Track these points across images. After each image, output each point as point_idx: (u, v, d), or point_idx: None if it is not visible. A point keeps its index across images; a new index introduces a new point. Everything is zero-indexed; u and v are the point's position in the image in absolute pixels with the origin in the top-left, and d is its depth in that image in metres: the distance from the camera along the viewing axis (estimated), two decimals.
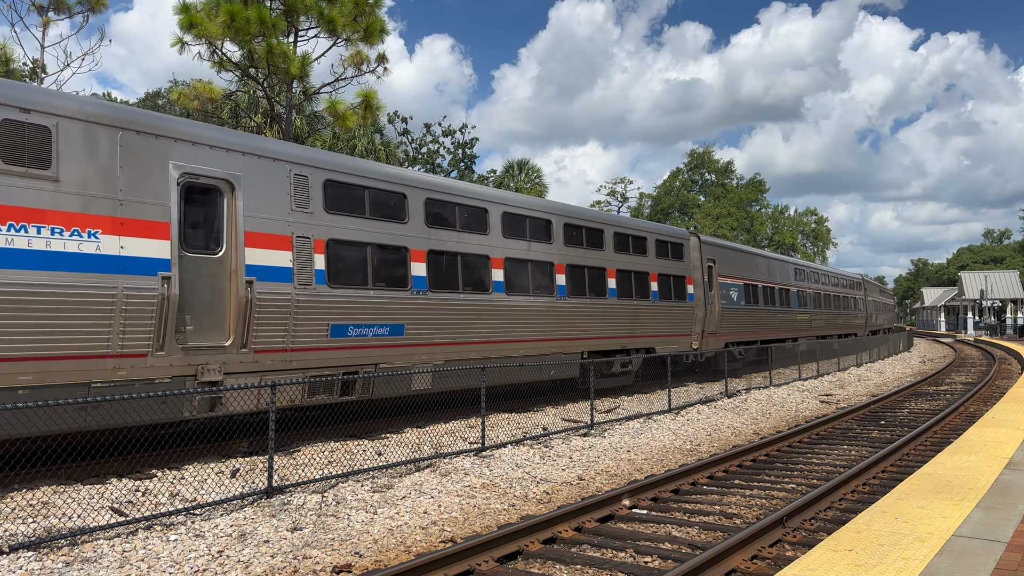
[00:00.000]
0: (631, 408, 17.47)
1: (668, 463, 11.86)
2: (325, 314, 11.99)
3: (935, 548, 5.54)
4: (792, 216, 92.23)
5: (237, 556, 7.06)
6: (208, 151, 10.73)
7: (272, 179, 11.51)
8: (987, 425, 11.52)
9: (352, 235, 12.62)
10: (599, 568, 6.91)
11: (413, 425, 14.28)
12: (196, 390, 10.12)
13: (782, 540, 7.61)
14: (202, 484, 9.42)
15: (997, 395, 19.98)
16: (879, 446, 13.09)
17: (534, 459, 11.55)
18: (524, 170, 49.65)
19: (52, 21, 23.75)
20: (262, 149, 11.61)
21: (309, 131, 32.25)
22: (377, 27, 22.41)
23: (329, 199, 12.36)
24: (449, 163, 49.48)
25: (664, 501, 9.41)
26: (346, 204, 12.67)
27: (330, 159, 12.91)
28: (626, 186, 76.99)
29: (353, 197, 12.83)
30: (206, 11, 20.81)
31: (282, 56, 21.05)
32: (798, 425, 15.52)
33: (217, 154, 10.84)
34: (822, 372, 27.39)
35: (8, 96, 8.90)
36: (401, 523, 8.27)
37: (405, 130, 48.57)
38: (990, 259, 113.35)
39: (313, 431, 13.24)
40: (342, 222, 12.50)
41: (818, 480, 10.53)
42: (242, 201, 10.99)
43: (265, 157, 11.57)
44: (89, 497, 8.65)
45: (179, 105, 23.42)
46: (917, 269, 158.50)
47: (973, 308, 79.83)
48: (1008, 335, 68.79)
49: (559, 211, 17.86)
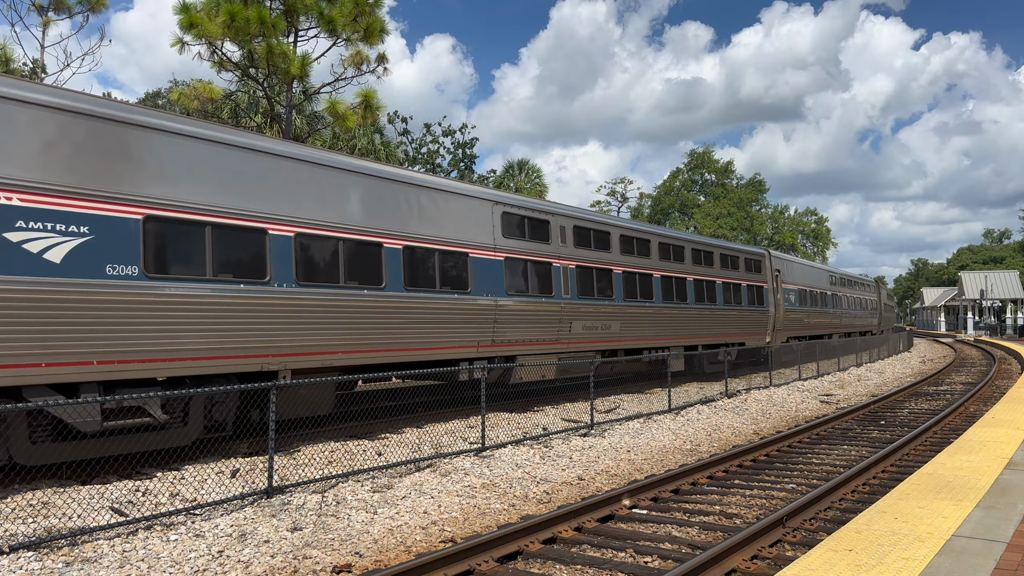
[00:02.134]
0: (631, 408, 17.46)
1: (668, 463, 11.86)
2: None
3: (935, 548, 5.53)
4: (792, 216, 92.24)
5: (237, 556, 7.06)
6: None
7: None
8: (987, 425, 11.52)
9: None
10: (599, 568, 6.91)
11: (413, 425, 14.29)
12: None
13: (782, 540, 7.61)
14: (202, 484, 9.42)
15: (997, 395, 19.97)
16: (879, 446, 13.09)
17: (534, 459, 11.55)
18: (524, 170, 49.66)
19: (52, 21, 23.77)
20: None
21: (309, 131, 32.25)
22: (377, 27, 22.42)
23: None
24: (449, 163, 49.47)
25: (664, 501, 9.41)
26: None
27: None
28: (626, 186, 77.04)
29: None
30: (206, 11, 20.83)
31: (282, 56, 21.06)
32: (798, 425, 15.51)
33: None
34: (822, 372, 27.37)
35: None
36: (401, 523, 8.27)
37: (405, 130, 48.56)
38: (990, 259, 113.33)
39: (313, 431, 13.24)
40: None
41: (818, 480, 10.53)
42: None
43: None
44: (89, 497, 8.65)
45: (179, 105, 23.41)
46: (917, 269, 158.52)
47: (973, 308, 79.83)
48: (1008, 335, 68.77)
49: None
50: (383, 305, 12.95)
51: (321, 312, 11.95)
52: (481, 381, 12.55)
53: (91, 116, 9.59)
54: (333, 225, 12.31)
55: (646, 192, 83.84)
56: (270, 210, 11.41)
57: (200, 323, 10.36)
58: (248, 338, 10.91)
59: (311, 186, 12.07)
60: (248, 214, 11.11)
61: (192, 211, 10.46)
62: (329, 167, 12.43)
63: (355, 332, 12.53)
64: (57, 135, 9.21)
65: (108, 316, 9.43)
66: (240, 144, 11.21)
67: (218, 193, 10.78)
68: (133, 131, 9.97)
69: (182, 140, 10.50)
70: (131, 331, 9.64)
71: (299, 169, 11.92)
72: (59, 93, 9.48)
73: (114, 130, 9.77)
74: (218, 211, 10.76)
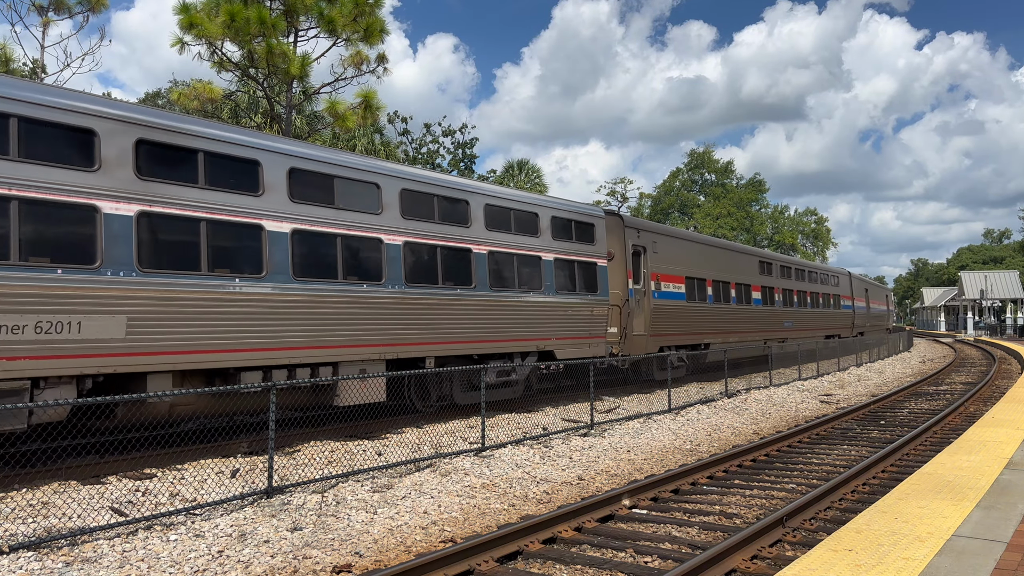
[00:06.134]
0: (631, 408, 17.47)
1: (668, 463, 11.86)
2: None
3: (935, 548, 5.54)
4: (792, 216, 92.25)
5: (237, 556, 7.06)
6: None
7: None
8: (987, 425, 11.53)
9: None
10: (599, 568, 6.91)
11: (413, 425, 14.29)
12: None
13: (782, 540, 7.61)
14: (202, 484, 9.42)
15: (997, 395, 19.97)
16: (879, 446, 13.09)
17: (534, 459, 11.55)
18: (524, 170, 49.73)
19: (52, 21, 23.77)
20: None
21: (309, 131, 32.26)
22: (377, 27, 22.42)
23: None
24: (449, 163, 49.49)
25: (664, 501, 9.41)
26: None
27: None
28: (626, 186, 77.03)
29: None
30: (206, 11, 20.83)
31: (282, 56, 21.07)
32: (798, 425, 15.51)
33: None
34: (822, 372, 27.39)
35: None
36: (401, 523, 8.27)
37: (405, 130, 48.60)
38: (990, 259, 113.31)
39: (313, 431, 13.25)
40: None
41: (818, 480, 10.53)
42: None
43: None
44: (89, 497, 8.65)
45: (179, 105, 23.41)
46: (917, 269, 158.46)
47: (973, 308, 79.83)
48: (1008, 335, 68.76)
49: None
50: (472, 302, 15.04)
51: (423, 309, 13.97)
52: (481, 381, 12.54)
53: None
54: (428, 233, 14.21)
55: (646, 192, 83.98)
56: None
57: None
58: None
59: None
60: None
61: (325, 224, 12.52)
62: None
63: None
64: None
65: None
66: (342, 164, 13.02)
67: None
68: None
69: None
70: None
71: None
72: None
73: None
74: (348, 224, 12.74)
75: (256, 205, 11.43)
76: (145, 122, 10.30)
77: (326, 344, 12.27)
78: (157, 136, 10.38)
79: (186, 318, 10.39)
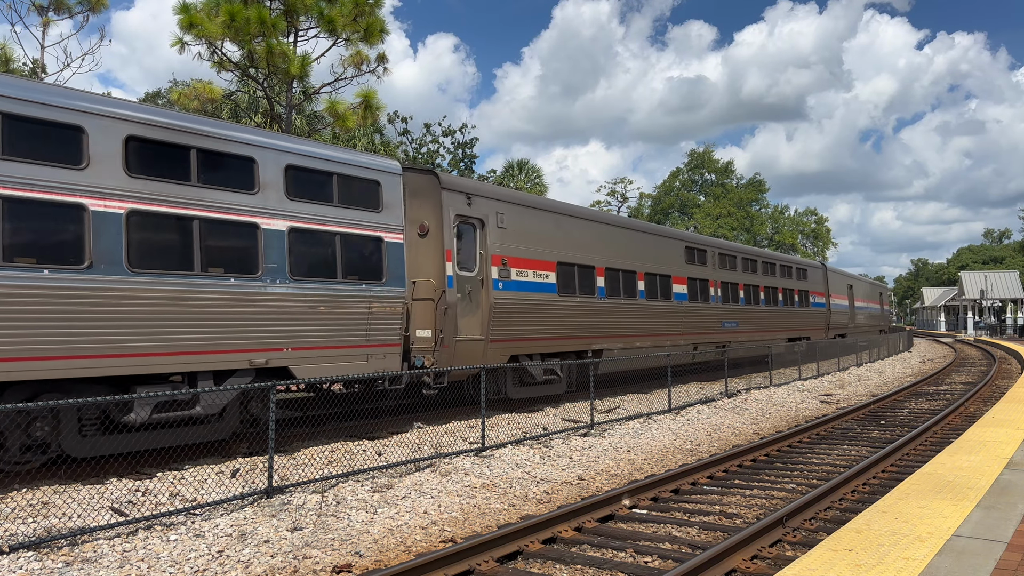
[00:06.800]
0: (631, 408, 17.47)
1: (668, 463, 11.86)
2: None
3: (935, 548, 5.53)
4: (792, 216, 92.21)
5: (237, 556, 7.06)
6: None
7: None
8: (987, 425, 11.52)
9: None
10: (599, 568, 6.91)
11: (413, 425, 14.29)
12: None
13: (782, 540, 7.61)
14: (202, 484, 9.42)
15: (997, 395, 19.97)
16: (879, 446, 13.09)
17: (534, 459, 11.55)
18: (524, 170, 49.68)
19: (52, 21, 23.77)
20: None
21: (309, 131, 32.26)
22: (377, 27, 22.42)
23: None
24: (449, 163, 49.47)
25: (664, 501, 9.41)
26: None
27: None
28: (626, 186, 77.04)
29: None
30: (206, 11, 20.82)
31: (282, 56, 21.06)
32: (798, 425, 15.52)
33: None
34: (822, 372, 27.39)
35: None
36: (401, 523, 8.27)
37: (405, 130, 48.54)
38: (990, 259, 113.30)
39: (313, 431, 13.25)
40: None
41: (818, 480, 10.53)
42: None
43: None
44: (89, 497, 8.65)
45: (179, 105, 23.41)
46: (917, 269, 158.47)
47: (973, 308, 79.83)
48: (1008, 335, 68.76)
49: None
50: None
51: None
52: (482, 380, 12.52)
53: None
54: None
55: (646, 192, 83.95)
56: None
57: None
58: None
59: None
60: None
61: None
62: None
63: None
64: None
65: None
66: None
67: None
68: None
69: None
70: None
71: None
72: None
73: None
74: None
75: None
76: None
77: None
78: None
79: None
